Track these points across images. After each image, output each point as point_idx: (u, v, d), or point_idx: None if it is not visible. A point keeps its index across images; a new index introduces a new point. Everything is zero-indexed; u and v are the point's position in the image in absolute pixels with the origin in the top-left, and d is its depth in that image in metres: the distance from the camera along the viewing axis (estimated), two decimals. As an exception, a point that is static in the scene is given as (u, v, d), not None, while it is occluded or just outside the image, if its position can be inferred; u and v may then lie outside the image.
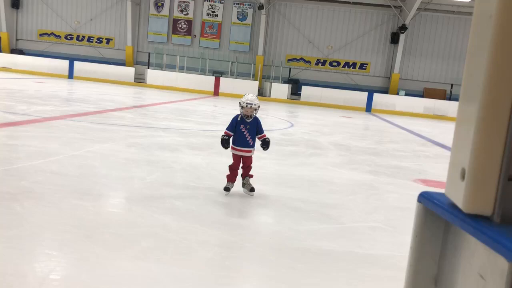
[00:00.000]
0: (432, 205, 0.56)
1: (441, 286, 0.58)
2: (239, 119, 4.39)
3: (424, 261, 0.58)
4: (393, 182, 5.94)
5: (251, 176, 4.49)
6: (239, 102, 4.39)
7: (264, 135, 4.46)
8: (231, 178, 4.46)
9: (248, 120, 4.38)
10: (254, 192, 4.44)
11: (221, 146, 4.37)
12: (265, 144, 4.45)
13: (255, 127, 4.42)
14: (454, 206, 0.53)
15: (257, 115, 4.49)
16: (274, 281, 2.75)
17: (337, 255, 3.23)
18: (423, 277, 0.58)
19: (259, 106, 4.43)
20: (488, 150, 0.49)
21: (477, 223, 0.50)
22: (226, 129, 4.40)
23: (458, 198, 0.52)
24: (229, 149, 4.44)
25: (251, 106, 4.35)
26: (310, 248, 3.33)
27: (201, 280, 2.64)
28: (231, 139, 4.41)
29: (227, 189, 4.42)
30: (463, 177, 0.52)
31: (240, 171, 4.49)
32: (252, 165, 4.47)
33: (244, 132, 4.35)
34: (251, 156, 4.44)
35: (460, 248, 0.56)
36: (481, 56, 0.50)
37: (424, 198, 0.58)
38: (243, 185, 4.48)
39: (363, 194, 5.23)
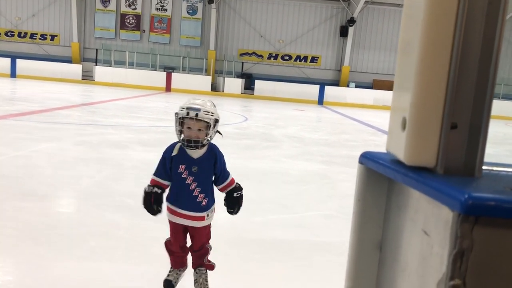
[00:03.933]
0: (373, 164, 0.52)
1: (386, 250, 0.55)
2: (175, 152, 2.11)
3: (368, 226, 0.55)
4: (345, 171, 6.04)
5: (210, 267, 2.31)
6: (175, 113, 2.05)
7: (232, 182, 2.22)
8: (174, 262, 2.32)
9: (195, 155, 2.09)
10: None
11: (145, 209, 2.08)
12: (234, 204, 2.23)
13: (211, 169, 2.14)
14: (396, 162, 0.50)
15: (214, 143, 2.16)
16: (231, 273, 2.71)
17: (292, 244, 3.24)
18: (367, 243, 0.55)
19: (216, 119, 2.07)
20: (429, 95, 0.45)
21: (419, 175, 0.46)
22: (154, 173, 2.14)
23: (400, 150, 0.49)
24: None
25: (197, 115, 1.98)
26: (266, 239, 3.32)
27: (155, 277, 2.56)
28: (164, 195, 2.13)
29: (167, 284, 2.28)
30: (403, 127, 0.48)
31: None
32: (210, 243, 2.30)
33: (185, 180, 2.10)
34: (207, 226, 2.24)
35: (403, 207, 0.52)
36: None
37: (365, 158, 0.54)
38: (195, 282, 2.29)
39: (316, 184, 5.28)
